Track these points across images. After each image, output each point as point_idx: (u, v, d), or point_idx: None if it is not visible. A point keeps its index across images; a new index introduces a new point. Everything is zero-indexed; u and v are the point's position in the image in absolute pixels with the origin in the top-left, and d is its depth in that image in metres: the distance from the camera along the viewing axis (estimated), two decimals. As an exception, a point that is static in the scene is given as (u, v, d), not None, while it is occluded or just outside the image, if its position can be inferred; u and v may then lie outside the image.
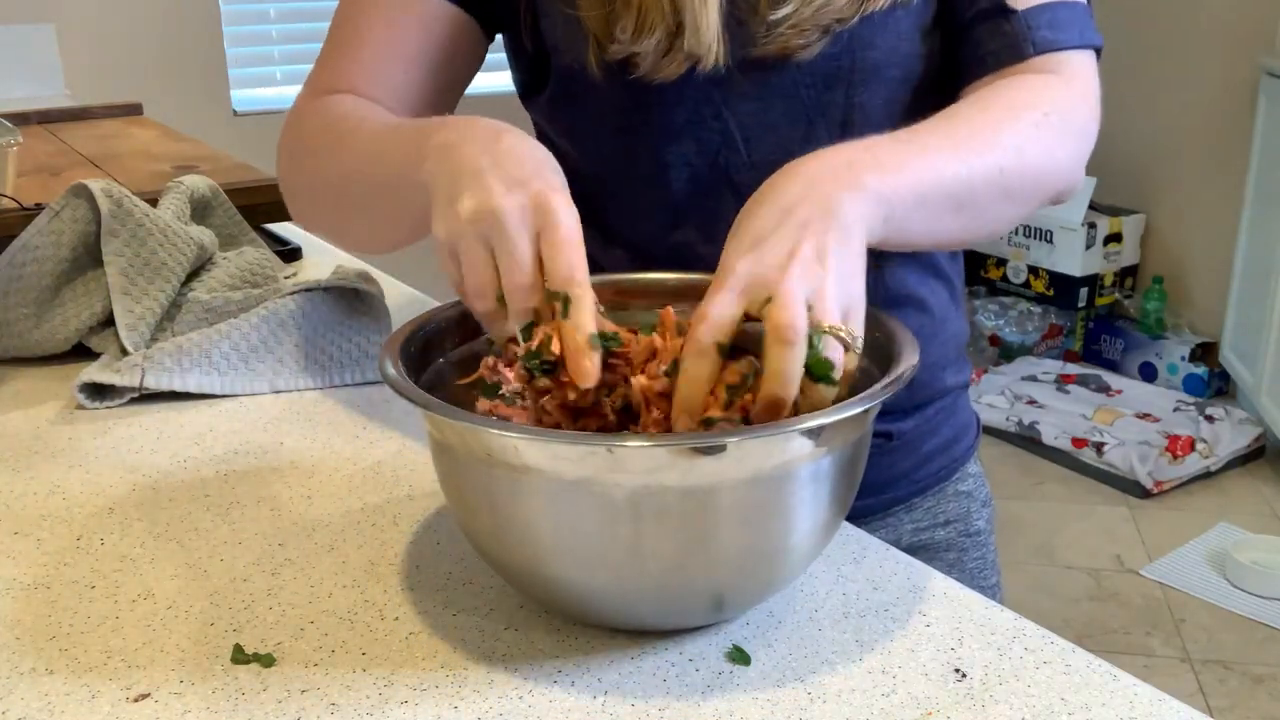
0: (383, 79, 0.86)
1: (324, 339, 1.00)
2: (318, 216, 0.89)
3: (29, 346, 1.03)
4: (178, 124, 1.90)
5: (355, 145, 0.80)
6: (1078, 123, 0.78)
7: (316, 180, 0.85)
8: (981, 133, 0.72)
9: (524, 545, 0.59)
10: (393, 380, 0.61)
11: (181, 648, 0.63)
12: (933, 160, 0.68)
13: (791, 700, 0.57)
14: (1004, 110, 0.75)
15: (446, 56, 0.88)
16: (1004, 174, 0.72)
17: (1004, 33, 0.80)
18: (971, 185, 0.70)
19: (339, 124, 0.83)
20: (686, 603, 0.61)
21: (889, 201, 0.65)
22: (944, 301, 0.93)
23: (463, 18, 0.87)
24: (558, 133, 0.92)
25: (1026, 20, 0.79)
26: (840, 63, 0.81)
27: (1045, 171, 0.76)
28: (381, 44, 0.86)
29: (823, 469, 0.59)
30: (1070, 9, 0.81)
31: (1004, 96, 0.76)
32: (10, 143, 1.28)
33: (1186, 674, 2.31)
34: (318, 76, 0.89)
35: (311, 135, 0.85)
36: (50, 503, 0.79)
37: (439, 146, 0.68)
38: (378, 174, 0.76)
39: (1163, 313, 3.68)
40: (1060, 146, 0.76)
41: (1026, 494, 3.06)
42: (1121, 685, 0.58)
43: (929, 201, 0.68)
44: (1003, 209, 0.74)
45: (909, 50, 0.82)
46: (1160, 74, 3.65)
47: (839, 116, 0.83)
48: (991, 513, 1.01)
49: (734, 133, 0.83)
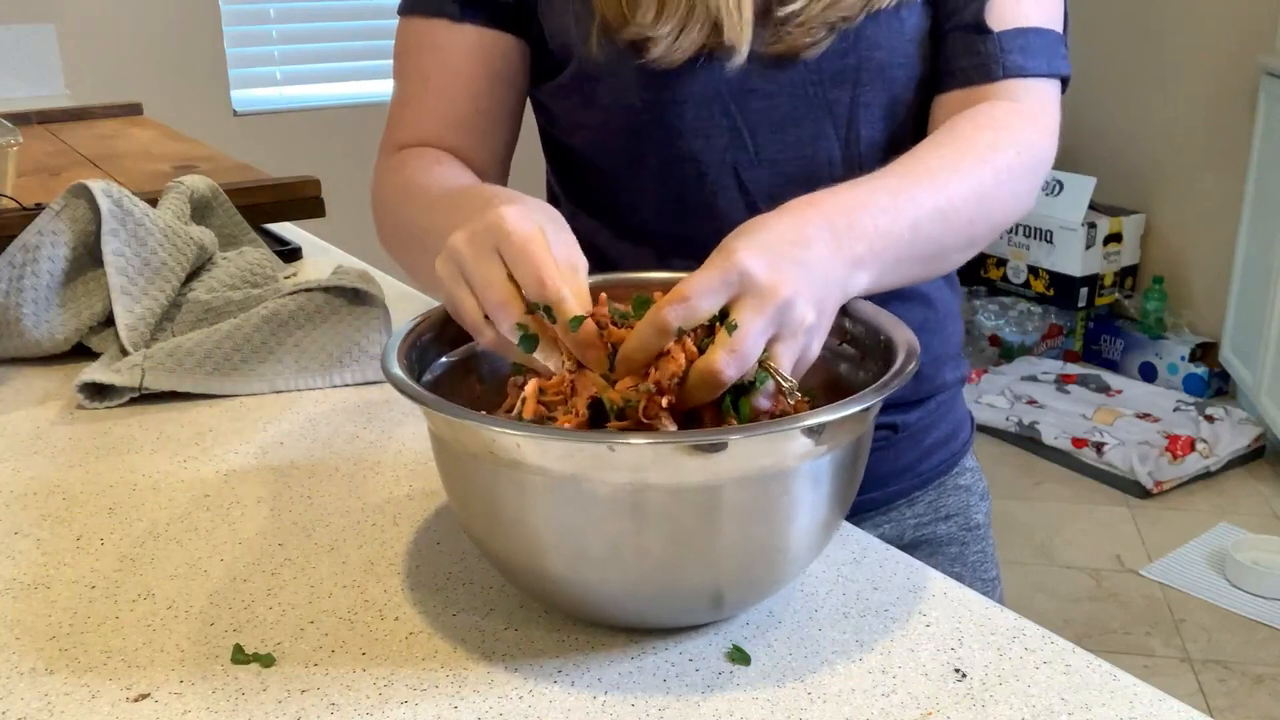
0: (454, 119, 0.90)
1: (324, 339, 1.00)
2: (410, 271, 0.91)
3: (29, 346, 1.03)
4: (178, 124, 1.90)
5: (410, 212, 0.83)
6: (1041, 159, 0.82)
7: (399, 235, 0.88)
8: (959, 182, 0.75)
9: (525, 543, 0.59)
10: (396, 379, 0.61)
11: (181, 648, 0.63)
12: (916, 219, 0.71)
13: (791, 700, 0.57)
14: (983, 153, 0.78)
15: (506, 80, 0.91)
16: (973, 225, 0.76)
17: (977, 51, 0.83)
18: (943, 242, 0.74)
19: (405, 187, 0.86)
20: (686, 601, 0.61)
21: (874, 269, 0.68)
22: (947, 297, 0.96)
23: (511, 38, 0.90)
24: (565, 127, 0.92)
25: (1000, 43, 0.82)
26: (847, 61, 0.83)
27: (1009, 213, 0.80)
28: (446, 87, 0.90)
29: (823, 467, 0.59)
30: (1044, 36, 0.84)
31: (982, 136, 0.79)
32: (10, 143, 1.28)
33: (1186, 674, 2.31)
34: (392, 133, 0.92)
35: (392, 193, 0.88)
36: (50, 503, 0.79)
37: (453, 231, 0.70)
38: (424, 241, 0.78)
39: (1163, 313, 3.68)
40: (1025, 187, 0.80)
41: (1026, 494, 3.06)
42: (1121, 685, 0.58)
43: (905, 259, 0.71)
44: (964, 254, 0.79)
45: (912, 50, 0.84)
46: (1160, 74, 3.64)
47: (845, 114, 0.84)
48: (989, 506, 1.04)
49: (742, 130, 0.84)
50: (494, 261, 0.62)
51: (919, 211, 0.72)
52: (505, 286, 0.61)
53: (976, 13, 0.83)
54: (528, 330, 0.61)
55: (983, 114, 0.81)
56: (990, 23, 0.82)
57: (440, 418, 0.59)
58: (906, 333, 0.66)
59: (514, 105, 0.93)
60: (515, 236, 0.61)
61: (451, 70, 0.89)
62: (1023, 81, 0.83)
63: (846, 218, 0.67)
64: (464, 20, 0.88)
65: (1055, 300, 3.77)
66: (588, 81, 0.86)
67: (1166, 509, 2.97)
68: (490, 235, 0.62)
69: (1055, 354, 3.81)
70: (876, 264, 0.68)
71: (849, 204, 0.68)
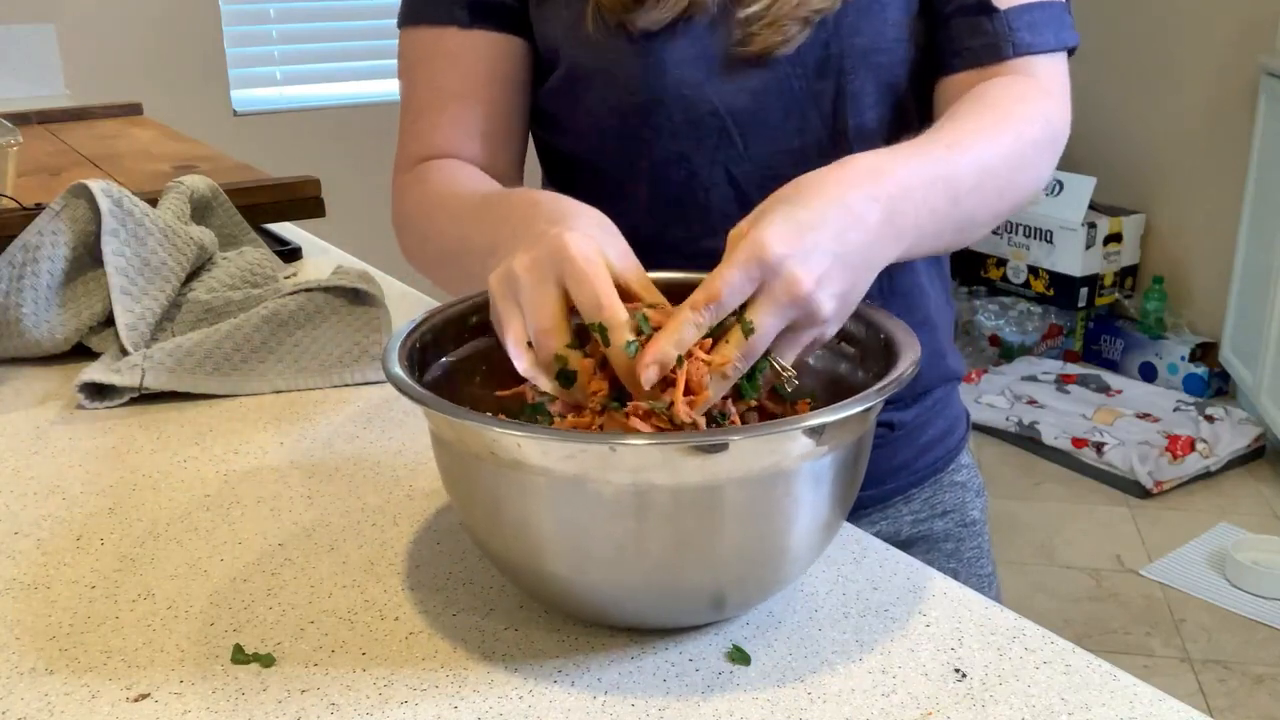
0: (470, 127, 0.89)
1: (324, 339, 1.00)
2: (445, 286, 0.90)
3: (29, 346, 1.03)
4: (178, 124, 1.90)
5: (440, 226, 0.83)
6: (1061, 132, 0.82)
7: (426, 250, 0.87)
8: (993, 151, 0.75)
9: (527, 543, 0.59)
10: (397, 379, 0.61)
11: (181, 648, 0.63)
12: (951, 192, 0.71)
13: (791, 700, 0.57)
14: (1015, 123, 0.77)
15: (518, 84, 0.91)
16: (1002, 196, 0.76)
17: (984, 31, 0.82)
18: (976, 215, 0.74)
19: (431, 198, 0.85)
20: (687, 601, 0.61)
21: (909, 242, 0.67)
22: (940, 291, 0.97)
23: (518, 41, 0.89)
24: (556, 128, 0.92)
25: (1008, 21, 0.82)
26: (829, 51, 0.83)
27: (1033, 182, 0.79)
28: (460, 95, 0.89)
29: (824, 467, 0.59)
30: (1047, 9, 0.83)
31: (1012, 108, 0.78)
32: (10, 143, 1.28)
33: (1186, 674, 2.31)
34: (406, 148, 0.92)
35: (415, 205, 0.88)
36: (50, 503, 0.79)
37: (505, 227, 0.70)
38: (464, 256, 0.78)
39: (1163, 313, 3.68)
40: (1046, 159, 0.80)
41: (1026, 494, 3.06)
42: (1121, 685, 0.58)
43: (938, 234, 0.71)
44: (990, 225, 0.78)
45: (895, 36, 0.84)
46: (1160, 74, 3.64)
47: (830, 105, 0.84)
48: (985, 503, 1.04)
49: (730, 128, 0.85)
50: (551, 288, 0.61)
51: (960, 183, 0.71)
52: (557, 314, 0.61)
53: None
54: (567, 365, 0.61)
55: (1004, 86, 0.80)
56: (996, 1, 0.82)
57: (441, 418, 0.59)
58: (907, 332, 0.66)
59: (526, 109, 0.93)
60: (579, 261, 0.61)
61: (468, 78, 0.88)
62: (1032, 59, 0.82)
63: (901, 187, 0.66)
64: (474, 26, 0.88)
65: (1055, 300, 3.77)
66: (577, 84, 0.87)
67: (1166, 509, 2.97)
68: (553, 261, 0.61)
69: (1055, 354, 3.81)
70: (915, 236, 0.68)
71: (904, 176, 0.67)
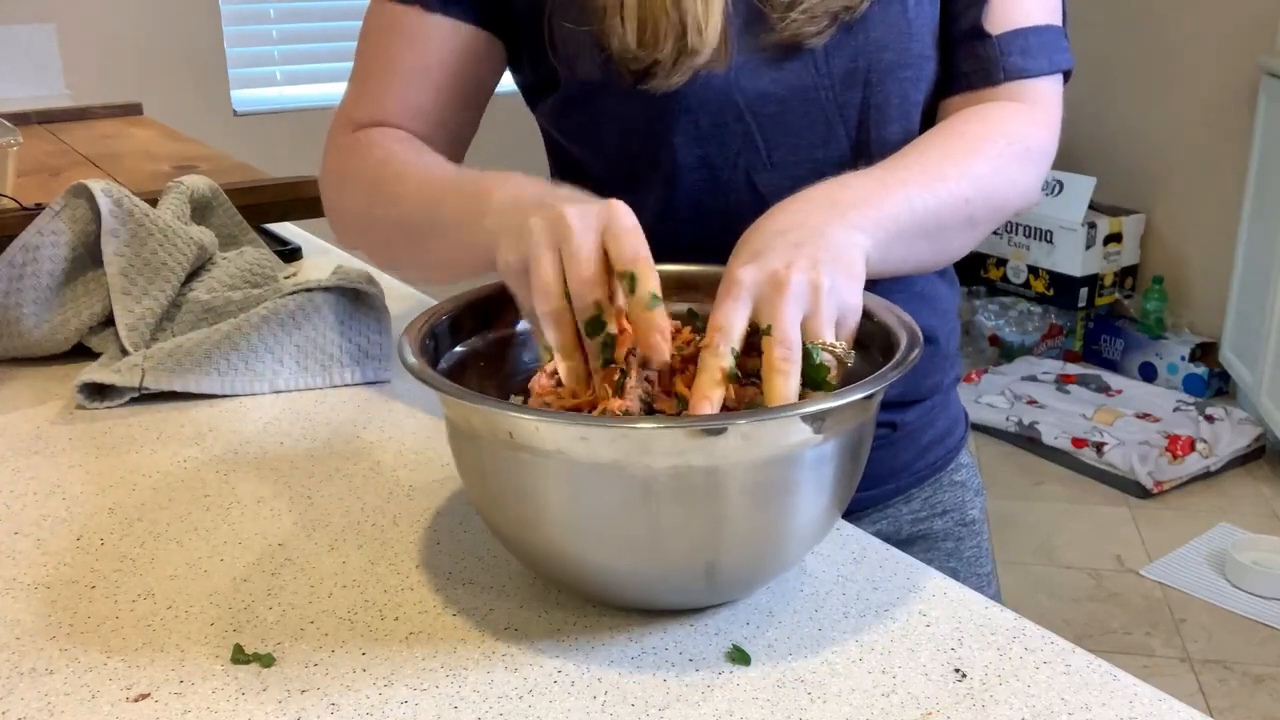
0: (416, 106, 0.90)
1: (324, 339, 1.00)
2: (369, 249, 0.92)
3: (29, 346, 1.03)
4: (178, 124, 1.90)
5: (405, 192, 0.83)
6: (1038, 149, 0.84)
7: (367, 220, 0.88)
8: (950, 165, 0.78)
9: (535, 522, 0.61)
10: (414, 368, 0.63)
11: (181, 648, 0.63)
12: (907, 193, 0.74)
13: (791, 700, 0.58)
14: (972, 141, 0.81)
15: (474, 75, 0.91)
16: (969, 204, 0.78)
17: (978, 56, 0.85)
18: (940, 216, 0.76)
19: (383, 167, 0.86)
20: (683, 579, 0.62)
21: (871, 233, 0.71)
22: (947, 297, 0.97)
23: (485, 35, 0.90)
24: (567, 136, 0.92)
25: (1000, 46, 0.84)
26: (857, 64, 0.83)
27: (1007, 198, 0.82)
28: (412, 73, 0.90)
29: (826, 454, 0.60)
30: (1042, 34, 0.85)
31: (972, 128, 0.82)
32: (10, 143, 1.27)
33: (1186, 674, 2.31)
34: (351, 107, 0.92)
35: (357, 174, 0.88)
36: (50, 503, 0.79)
37: (502, 201, 0.73)
38: (435, 223, 0.80)
39: (1163, 313, 3.68)
40: (1021, 174, 0.82)
41: (1026, 494, 3.06)
42: (1121, 685, 0.58)
43: (905, 232, 0.74)
44: (966, 235, 0.81)
45: (920, 51, 0.85)
46: (1160, 74, 3.64)
47: (855, 116, 0.85)
48: (984, 502, 1.05)
49: (755, 135, 0.85)
50: (596, 238, 0.65)
51: (909, 187, 0.74)
52: (599, 269, 0.64)
53: (975, 17, 0.84)
54: (602, 315, 0.64)
55: (975, 112, 0.83)
56: (989, 26, 0.84)
57: (459, 404, 0.60)
58: (909, 321, 0.68)
59: (478, 100, 0.93)
60: (626, 221, 0.65)
61: (419, 58, 0.89)
62: (1024, 83, 0.84)
63: (832, 194, 0.72)
64: (437, 11, 0.88)
65: (1055, 300, 3.77)
66: (597, 96, 0.86)
67: (1166, 509, 2.97)
68: (598, 216, 0.65)
69: (1055, 354, 3.81)
70: (873, 228, 0.71)
71: (834, 185, 0.73)
